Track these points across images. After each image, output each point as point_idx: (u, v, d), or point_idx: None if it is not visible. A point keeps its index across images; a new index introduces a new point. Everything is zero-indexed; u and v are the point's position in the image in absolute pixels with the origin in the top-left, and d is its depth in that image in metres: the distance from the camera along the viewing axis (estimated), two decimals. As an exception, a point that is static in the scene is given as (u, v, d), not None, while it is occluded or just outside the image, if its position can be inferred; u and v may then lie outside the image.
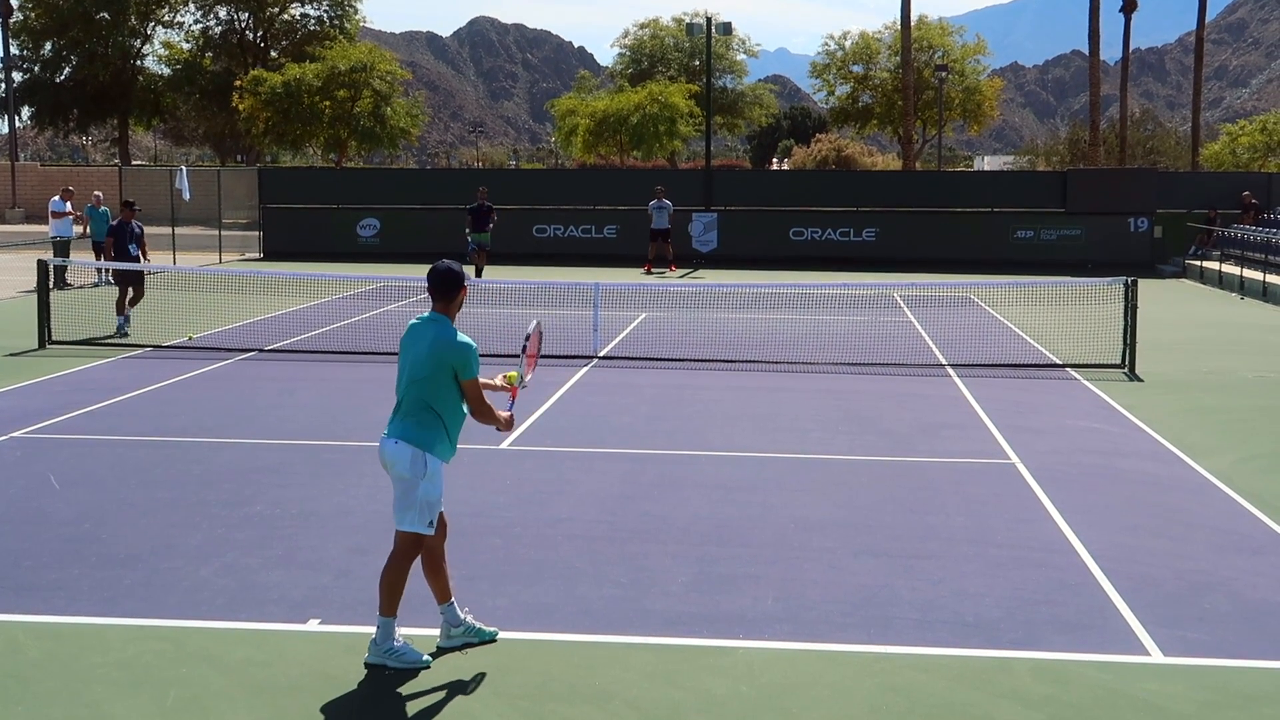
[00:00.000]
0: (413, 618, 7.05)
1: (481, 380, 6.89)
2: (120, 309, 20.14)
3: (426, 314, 6.95)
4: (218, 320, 21.34)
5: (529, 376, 7.37)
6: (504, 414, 6.97)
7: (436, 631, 6.99)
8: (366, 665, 6.67)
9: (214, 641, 7.02)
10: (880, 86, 73.51)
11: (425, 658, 6.72)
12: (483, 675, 6.58)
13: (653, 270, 32.81)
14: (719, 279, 30.63)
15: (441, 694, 6.37)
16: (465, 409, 6.86)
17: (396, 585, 6.71)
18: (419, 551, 6.76)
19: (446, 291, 6.94)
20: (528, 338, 7.53)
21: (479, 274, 30.17)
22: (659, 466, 11.38)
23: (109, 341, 18.88)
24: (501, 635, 7.11)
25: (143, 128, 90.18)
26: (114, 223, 21.99)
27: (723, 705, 6.27)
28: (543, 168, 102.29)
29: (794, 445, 12.29)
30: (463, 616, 6.99)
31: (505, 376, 7.24)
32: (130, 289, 20.50)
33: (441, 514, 6.87)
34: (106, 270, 28.83)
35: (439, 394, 6.73)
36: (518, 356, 7.45)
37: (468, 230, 30.17)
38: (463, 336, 6.79)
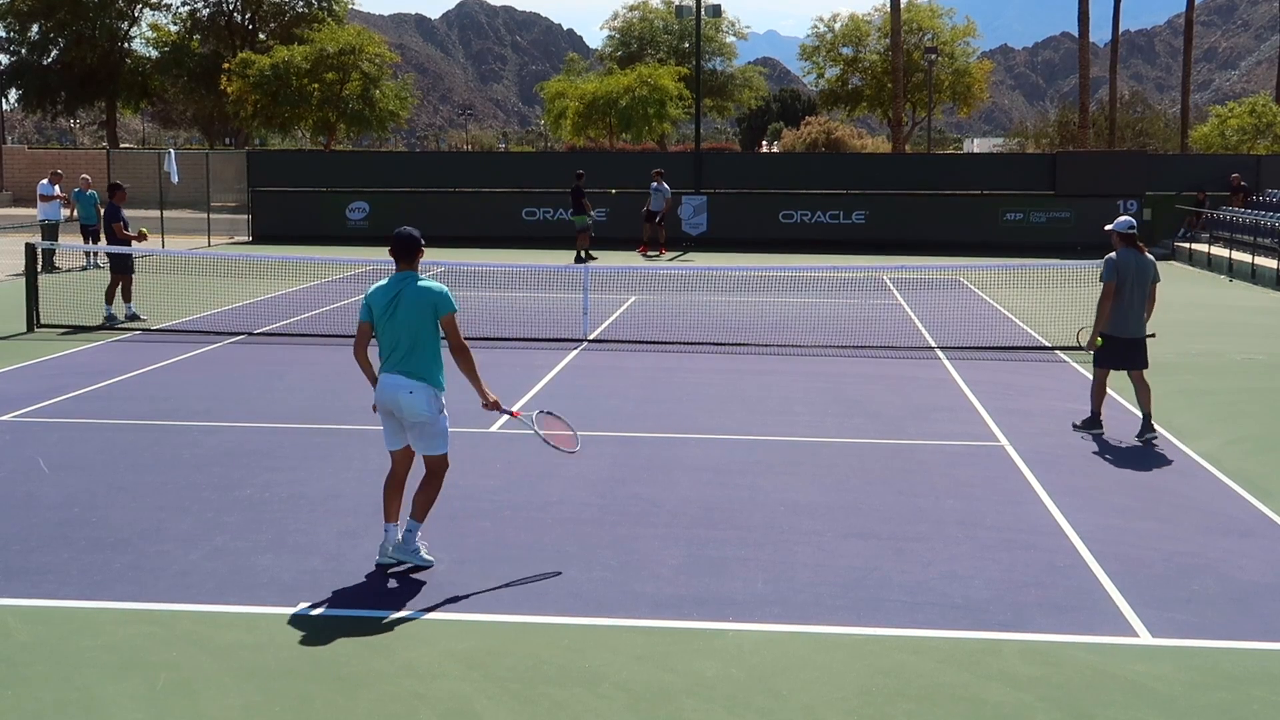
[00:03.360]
0: (398, 601, 7.03)
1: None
2: (110, 298, 19.41)
3: (393, 275, 7.90)
4: (207, 304, 21.28)
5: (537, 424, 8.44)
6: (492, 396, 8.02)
7: (438, 615, 7.00)
8: (378, 565, 7.89)
9: (204, 625, 7.02)
10: (870, 69, 73.38)
11: (430, 559, 7.93)
12: (473, 658, 6.59)
13: (647, 253, 32.86)
14: (708, 262, 30.61)
15: (432, 677, 6.38)
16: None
17: (432, 499, 7.97)
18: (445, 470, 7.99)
19: (410, 252, 7.92)
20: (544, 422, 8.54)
21: (585, 257, 30.59)
22: (648, 449, 11.39)
23: (117, 326, 18.78)
24: (492, 618, 7.14)
25: (131, 111, 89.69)
26: (110, 205, 20.88)
27: (712, 687, 6.29)
28: (532, 150, 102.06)
29: (783, 428, 12.31)
30: (399, 538, 7.93)
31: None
32: (124, 277, 19.62)
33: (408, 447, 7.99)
34: (95, 254, 28.80)
35: (432, 335, 7.79)
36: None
37: (569, 214, 31.48)
38: (434, 282, 7.87)
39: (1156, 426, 12.10)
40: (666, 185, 33.07)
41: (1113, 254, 11.91)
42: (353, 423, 12.06)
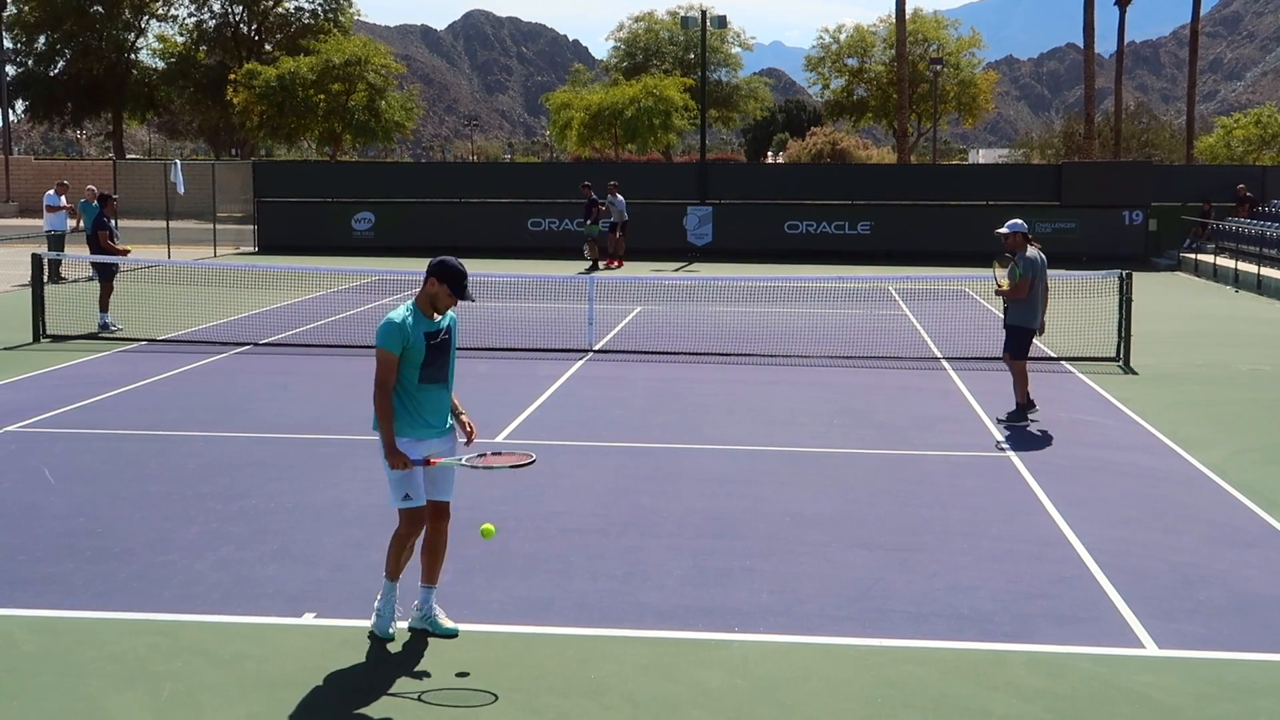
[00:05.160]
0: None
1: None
2: (104, 306, 19.71)
3: None
4: (212, 314, 21.31)
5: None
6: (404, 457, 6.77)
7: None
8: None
9: (209, 635, 7.02)
10: (875, 80, 73.46)
11: (390, 631, 6.95)
12: (478, 669, 6.59)
13: (612, 265, 32.84)
14: (714, 272, 30.62)
15: (437, 688, 6.37)
16: (416, 378, 6.81)
17: (390, 554, 6.98)
18: (409, 528, 6.91)
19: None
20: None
21: (595, 267, 31.31)
22: (654, 460, 11.38)
23: (105, 336, 18.85)
24: (497, 629, 7.13)
25: (137, 121, 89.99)
26: (104, 217, 21.42)
27: (718, 698, 6.28)
28: (538, 161, 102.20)
29: (789, 438, 12.30)
30: (432, 607, 7.07)
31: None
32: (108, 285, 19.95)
33: (435, 502, 6.94)
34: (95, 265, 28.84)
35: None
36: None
37: (583, 223, 32.25)
38: (392, 314, 6.82)
39: (1163, 438, 12.07)
40: (621, 197, 33.08)
41: (1023, 253, 13.14)
42: (358, 433, 12.05)
